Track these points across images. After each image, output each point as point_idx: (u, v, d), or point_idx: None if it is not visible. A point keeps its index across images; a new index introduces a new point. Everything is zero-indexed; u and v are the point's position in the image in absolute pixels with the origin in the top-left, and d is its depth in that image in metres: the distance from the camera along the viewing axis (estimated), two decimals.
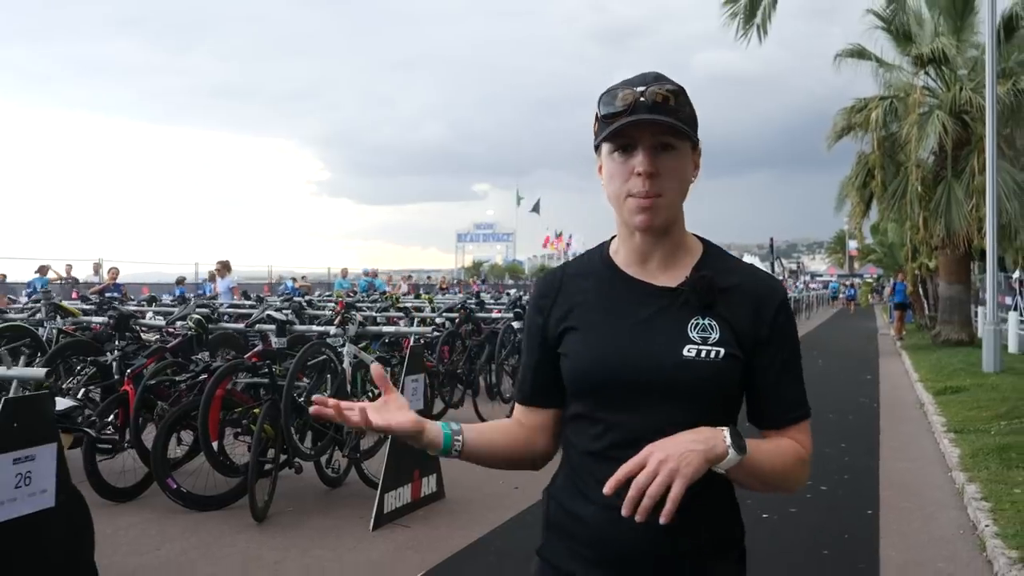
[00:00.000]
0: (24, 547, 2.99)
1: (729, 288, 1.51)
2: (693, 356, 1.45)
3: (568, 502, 1.55)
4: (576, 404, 1.56)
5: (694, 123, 1.51)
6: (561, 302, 1.58)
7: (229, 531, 5.09)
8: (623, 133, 1.45)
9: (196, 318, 5.82)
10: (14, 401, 2.92)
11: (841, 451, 7.75)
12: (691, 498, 1.40)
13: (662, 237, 1.53)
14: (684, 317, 1.49)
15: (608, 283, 1.56)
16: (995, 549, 4.71)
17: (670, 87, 1.46)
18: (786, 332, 1.55)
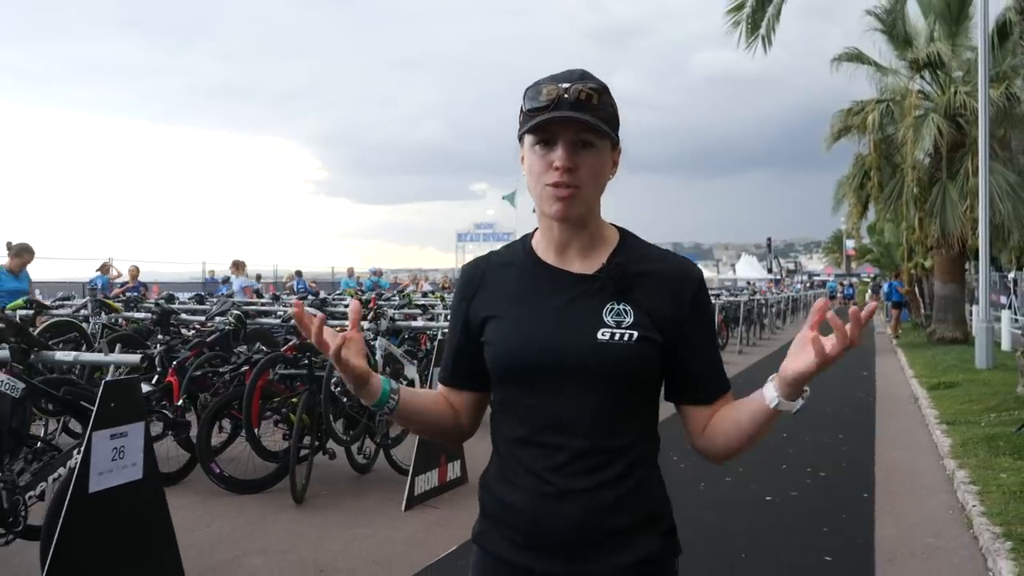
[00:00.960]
0: (118, 513, 3.38)
1: (645, 273, 1.56)
2: (607, 339, 1.50)
3: (499, 490, 1.60)
4: (499, 391, 1.62)
5: (615, 123, 1.55)
6: (483, 290, 1.64)
7: (271, 512, 5.48)
8: (545, 128, 1.50)
9: (236, 314, 6.22)
10: (111, 383, 3.31)
11: (839, 441, 8.15)
12: (617, 478, 1.52)
13: (579, 228, 1.58)
14: (600, 302, 1.54)
15: (528, 272, 1.61)
16: (981, 526, 5.11)
17: (593, 85, 1.50)
18: (706, 311, 1.61)
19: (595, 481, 1.51)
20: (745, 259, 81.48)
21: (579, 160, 1.50)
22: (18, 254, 7.92)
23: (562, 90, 1.47)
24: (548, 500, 1.51)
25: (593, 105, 1.48)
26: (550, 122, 1.48)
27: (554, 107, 1.47)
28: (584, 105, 1.47)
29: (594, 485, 1.51)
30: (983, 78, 13.31)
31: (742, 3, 10.92)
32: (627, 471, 1.53)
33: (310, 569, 4.47)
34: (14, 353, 3.40)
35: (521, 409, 1.56)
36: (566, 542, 1.52)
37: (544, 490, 1.51)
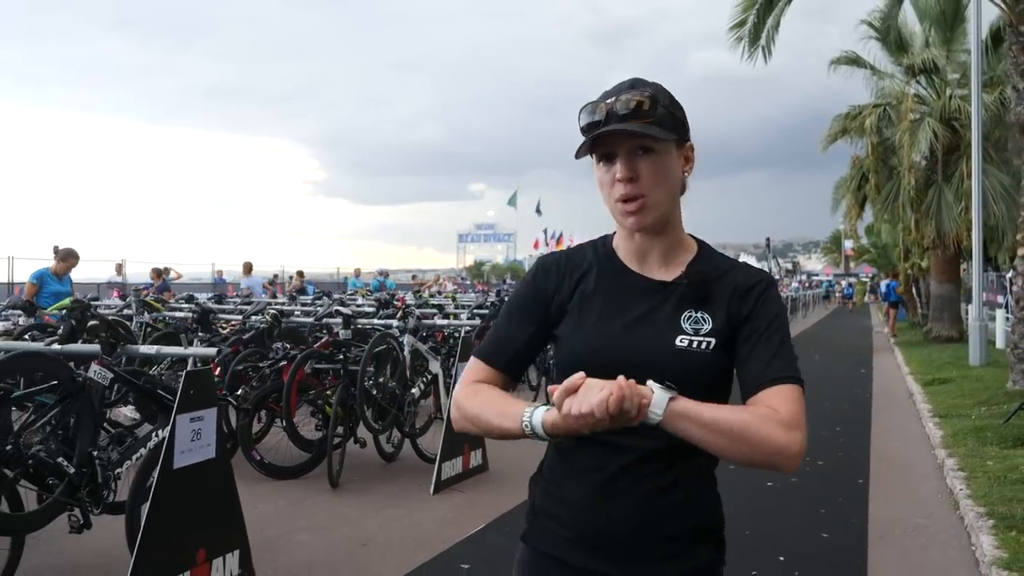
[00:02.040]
0: (196, 487, 3.82)
1: (723, 283, 1.56)
2: (685, 346, 1.50)
3: (555, 488, 1.60)
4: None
5: (673, 121, 1.53)
6: (566, 284, 1.63)
7: (309, 495, 5.91)
8: (602, 143, 1.51)
9: (273, 312, 6.66)
10: (191, 373, 3.74)
11: (836, 434, 8.59)
12: (676, 483, 1.51)
13: (658, 235, 1.58)
14: (678, 309, 1.54)
15: (609, 275, 1.61)
16: (966, 507, 5.55)
17: (642, 92, 1.50)
18: (767, 306, 1.56)
19: (659, 484, 1.51)
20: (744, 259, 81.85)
21: (640, 168, 1.50)
22: (64, 259, 8.34)
23: (610, 104, 1.49)
24: (610, 499, 1.51)
25: (644, 111, 1.48)
26: (605, 136, 1.49)
27: (605, 122, 1.48)
28: (635, 114, 1.47)
29: (658, 488, 1.51)
30: (976, 84, 13.76)
31: (743, 20, 11.36)
32: (690, 478, 1.53)
33: (354, 544, 4.90)
34: (104, 346, 3.82)
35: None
36: (624, 543, 1.51)
37: (607, 489, 1.51)
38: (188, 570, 3.79)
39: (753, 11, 11.09)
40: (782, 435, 1.40)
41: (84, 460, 3.77)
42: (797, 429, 1.42)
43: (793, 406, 1.45)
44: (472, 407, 1.56)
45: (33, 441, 3.66)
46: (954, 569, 4.62)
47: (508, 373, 1.64)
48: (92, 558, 4.49)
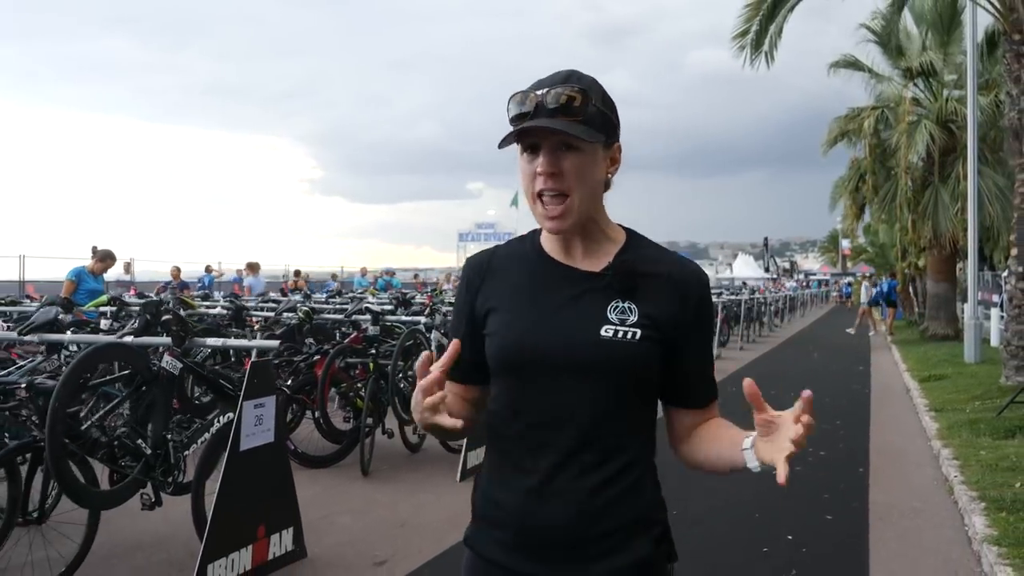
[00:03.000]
0: (258, 467, 4.19)
1: (651, 274, 1.54)
2: (610, 336, 1.48)
3: (491, 489, 1.57)
4: (497, 385, 1.59)
5: (604, 121, 1.50)
6: (489, 283, 1.61)
7: (343, 482, 6.28)
8: (528, 134, 1.47)
9: (305, 310, 7.03)
10: (256, 364, 4.11)
11: (836, 427, 8.96)
12: (610, 479, 1.48)
13: (581, 232, 1.56)
14: (605, 300, 1.51)
15: (535, 266, 1.59)
16: (960, 492, 5.93)
17: (574, 88, 1.46)
18: (708, 317, 1.60)
19: (588, 481, 1.48)
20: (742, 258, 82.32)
21: (564, 164, 1.47)
22: (102, 259, 8.71)
23: (540, 96, 1.46)
24: (539, 499, 1.49)
25: (574, 108, 1.45)
26: (531, 129, 1.46)
27: (533, 114, 1.45)
28: (564, 109, 1.45)
29: (587, 485, 1.48)
30: (972, 88, 14.15)
31: (747, 30, 11.74)
32: (622, 472, 1.50)
33: (390, 526, 5.27)
34: (175, 339, 4.19)
35: (516, 404, 1.53)
36: (555, 543, 1.49)
37: (535, 489, 1.49)
38: (250, 544, 4.17)
39: (756, 20, 11.47)
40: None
41: (158, 442, 4.15)
42: None
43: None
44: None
45: (117, 425, 4.03)
46: (948, 547, 4.99)
47: (458, 380, 1.62)
48: (151, 535, 4.86)
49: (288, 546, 4.46)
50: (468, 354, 1.57)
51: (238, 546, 4.07)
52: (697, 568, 4.47)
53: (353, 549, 4.81)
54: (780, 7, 11.37)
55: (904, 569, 4.60)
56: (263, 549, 4.26)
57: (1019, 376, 9.92)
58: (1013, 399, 8.56)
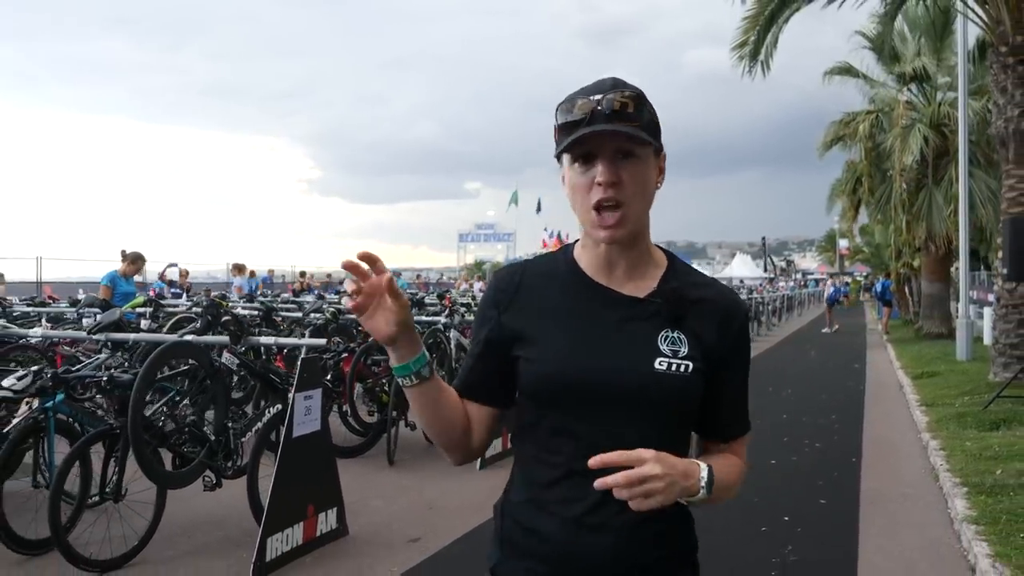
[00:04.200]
0: (307, 452, 4.65)
1: (697, 302, 1.49)
2: (664, 369, 1.42)
3: (526, 518, 1.49)
4: (533, 412, 1.50)
5: (655, 128, 1.46)
6: (520, 301, 1.52)
7: (371, 471, 6.74)
8: (583, 143, 1.40)
9: (332, 310, 7.49)
10: (306, 359, 4.58)
11: (832, 420, 9.44)
12: (655, 513, 1.39)
13: (628, 247, 1.49)
14: (654, 329, 1.45)
15: (573, 287, 1.51)
16: (945, 478, 6.40)
17: (628, 93, 1.41)
18: (745, 349, 1.56)
19: (633, 514, 1.39)
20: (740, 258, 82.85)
21: (622, 173, 1.41)
22: (133, 261, 9.14)
23: (595, 102, 1.39)
24: (585, 531, 1.43)
25: (630, 114, 1.40)
26: (588, 136, 1.39)
27: (588, 121, 1.39)
28: (621, 115, 1.39)
29: (632, 518, 1.41)
30: (962, 97, 14.62)
31: (745, 41, 12.22)
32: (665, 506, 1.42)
33: (420, 508, 5.74)
34: (232, 337, 4.65)
35: (561, 434, 1.45)
36: (594, 574, 1.44)
37: (582, 520, 1.43)
38: (301, 522, 4.64)
39: (754, 31, 11.96)
40: (740, 486, 1.57)
41: (220, 430, 4.61)
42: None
43: (745, 453, 1.60)
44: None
45: (187, 414, 4.50)
46: (932, 527, 5.46)
47: (472, 397, 1.56)
48: (204, 516, 5.32)
49: (332, 524, 4.93)
50: (486, 373, 1.55)
51: (291, 523, 4.54)
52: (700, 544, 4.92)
53: (388, 529, 5.27)
54: (776, 19, 11.85)
55: (891, 545, 5.07)
56: (312, 526, 4.73)
57: (1006, 372, 10.38)
58: (998, 394, 9.04)
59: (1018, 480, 5.99)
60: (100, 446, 4.55)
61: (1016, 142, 10.69)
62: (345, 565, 4.62)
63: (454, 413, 1.53)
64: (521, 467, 1.55)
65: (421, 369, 1.45)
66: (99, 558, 4.35)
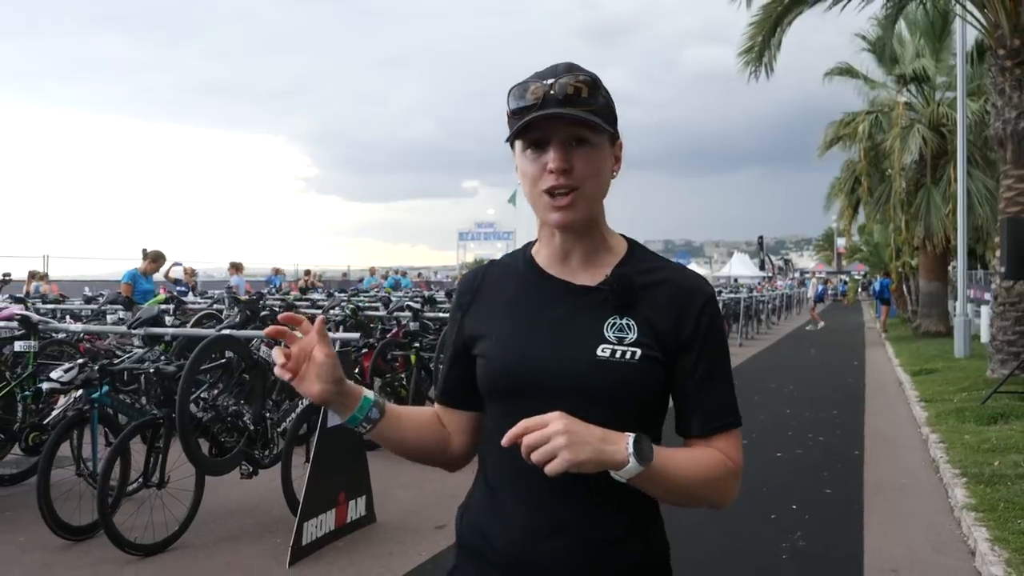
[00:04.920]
0: (340, 441, 4.88)
1: (651, 286, 1.43)
2: (607, 356, 1.37)
3: (481, 521, 1.46)
4: (489, 411, 1.48)
5: (611, 114, 1.41)
6: (480, 300, 1.52)
7: (392, 463, 6.85)
8: (534, 128, 1.36)
9: (351, 307, 7.73)
10: (340, 353, 4.80)
11: (834, 416, 9.68)
12: (612, 514, 1.36)
13: (582, 235, 1.44)
14: (601, 316, 1.40)
15: (527, 282, 1.49)
16: (945, 470, 6.64)
17: (582, 77, 1.37)
18: (711, 334, 1.44)
19: (590, 515, 1.37)
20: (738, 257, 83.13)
21: (575, 159, 1.36)
22: (153, 260, 9.38)
23: (548, 86, 1.35)
24: (536, 535, 1.38)
25: (584, 99, 1.35)
26: (539, 122, 1.35)
27: (540, 106, 1.34)
28: (574, 100, 1.34)
29: (589, 519, 1.37)
30: (961, 100, 14.87)
31: (751, 46, 12.49)
32: (626, 505, 1.38)
33: (443, 496, 5.96)
34: None
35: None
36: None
37: (532, 523, 1.38)
38: (333, 508, 4.87)
39: (760, 36, 12.22)
40: (734, 488, 1.42)
41: (258, 420, 4.85)
42: (740, 476, 1.43)
43: (740, 453, 1.43)
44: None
45: (228, 404, 4.73)
46: (933, 514, 5.70)
47: (450, 404, 1.55)
48: (235, 504, 5.55)
49: (362, 511, 5.16)
50: (459, 377, 1.53)
51: (325, 509, 4.77)
52: (713, 530, 5.16)
53: (414, 516, 5.50)
54: (780, 23, 12.11)
55: (894, 531, 5.31)
56: (343, 513, 4.96)
57: (1004, 369, 10.63)
58: (996, 389, 9.29)
59: (1015, 470, 6.23)
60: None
61: (1014, 143, 10.94)
62: (375, 550, 4.85)
63: (423, 434, 1.52)
64: (480, 467, 1.52)
65: (369, 413, 1.42)
66: (143, 542, 4.57)
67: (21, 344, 5.47)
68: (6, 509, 5.45)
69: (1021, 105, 10.78)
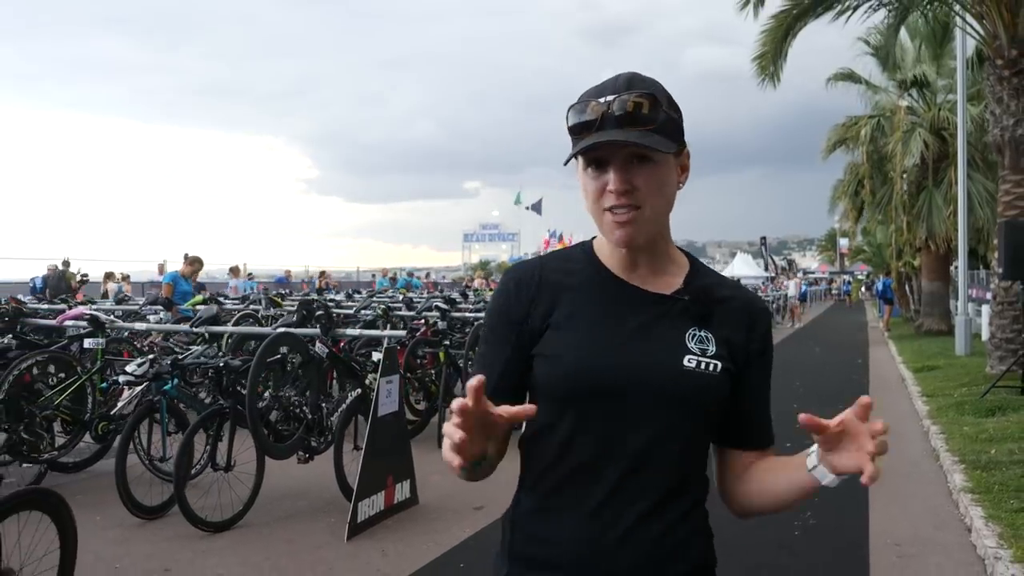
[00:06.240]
0: (388, 429, 5.34)
1: (724, 300, 1.44)
2: (692, 367, 1.36)
3: (539, 528, 1.41)
4: (550, 413, 1.38)
5: (674, 127, 1.36)
6: (543, 296, 1.42)
7: (425, 452, 7.34)
8: (593, 149, 1.32)
9: (383, 307, 8.18)
10: (388, 349, 5.26)
11: (839, 410, 9.86)
12: (679, 520, 1.38)
13: (647, 249, 1.42)
14: (681, 327, 1.39)
15: (596, 283, 1.43)
16: (945, 457, 7.09)
17: (643, 92, 1.32)
18: (770, 354, 1.50)
19: (660, 522, 1.36)
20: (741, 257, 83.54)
21: (636, 178, 1.32)
22: (192, 263, 9.84)
23: (606, 105, 1.31)
24: (606, 541, 1.35)
25: (644, 116, 1.31)
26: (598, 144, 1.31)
27: (599, 125, 1.31)
28: (633, 118, 1.30)
29: (659, 526, 1.36)
30: (961, 104, 15.30)
31: (764, 53, 13.00)
32: (690, 512, 1.40)
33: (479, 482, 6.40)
34: (323, 329, 5.33)
35: (577, 435, 1.36)
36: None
37: (602, 529, 1.35)
38: (382, 491, 5.32)
39: (772, 44, 12.74)
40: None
41: (314, 409, 5.30)
42: None
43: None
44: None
45: (290, 395, 5.19)
46: (933, 497, 6.15)
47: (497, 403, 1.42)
48: (286, 488, 6.00)
49: (406, 494, 5.61)
50: (507, 376, 1.43)
51: (375, 491, 5.22)
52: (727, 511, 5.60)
53: (453, 499, 5.95)
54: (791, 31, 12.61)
55: (897, 511, 5.75)
56: (391, 495, 5.41)
57: (1002, 365, 11.06)
58: (994, 384, 9.74)
59: (1010, 458, 6.67)
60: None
61: (1011, 149, 11.37)
62: (421, 527, 5.30)
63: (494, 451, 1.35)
64: (531, 474, 1.46)
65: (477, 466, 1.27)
66: (213, 520, 5.03)
67: (90, 341, 5.93)
68: (77, 493, 5.90)
69: (1018, 112, 11.21)
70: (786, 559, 4.82)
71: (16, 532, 3.14)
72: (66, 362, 5.81)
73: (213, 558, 4.70)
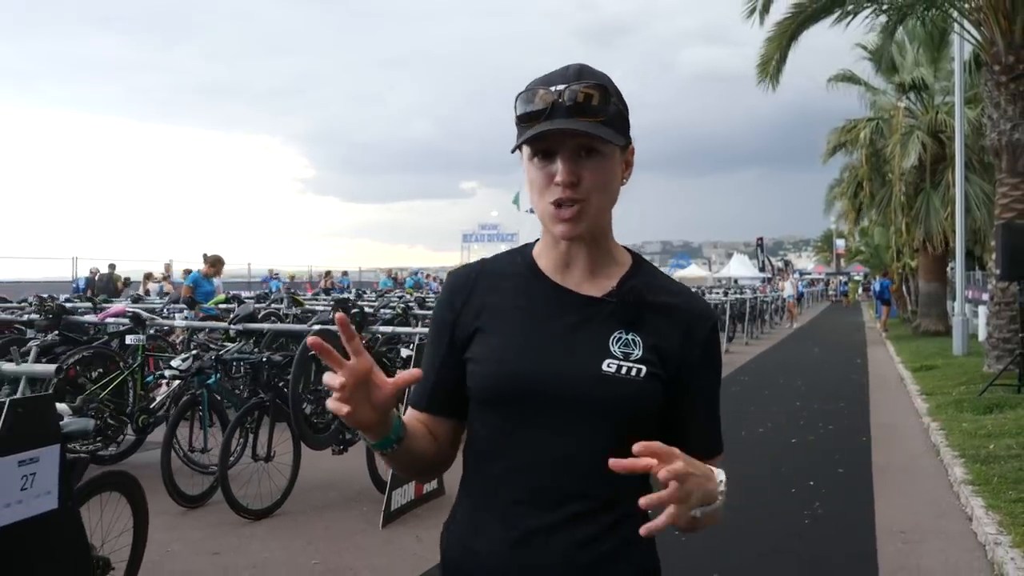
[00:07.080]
0: None
1: (658, 303, 1.39)
2: (612, 372, 1.32)
3: (466, 536, 1.39)
4: (477, 419, 1.40)
5: (622, 121, 1.36)
6: (475, 300, 1.42)
7: None
8: (542, 138, 1.30)
9: (403, 305, 8.45)
10: (420, 346, 5.52)
11: (841, 408, 10.41)
12: (604, 531, 1.32)
13: (589, 245, 1.39)
14: (607, 330, 1.36)
15: (528, 286, 1.41)
16: (945, 452, 7.38)
17: (592, 82, 1.31)
18: (715, 360, 1.45)
19: (582, 532, 1.32)
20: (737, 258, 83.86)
21: (583, 171, 1.31)
22: (212, 264, 10.08)
23: (556, 94, 1.29)
24: (522, 552, 1.33)
25: (594, 107, 1.30)
26: (546, 133, 1.29)
27: (548, 115, 1.29)
28: (583, 108, 1.29)
29: (578, 537, 1.32)
30: (959, 110, 15.61)
31: (769, 59, 13.31)
32: (619, 522, 1.34)
33: None
34: (357, 327, 5.59)
35: (500, 442, 1.35)
36: None
37: (521, 539, 1.32)
38: (412, 481, 5.58)
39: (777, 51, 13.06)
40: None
41: None
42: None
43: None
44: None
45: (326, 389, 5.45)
46: (935, 489, 6.43)
47: (432, 411, 1.44)
48: (317, 481, 6.27)
49: (434, 485, 5.88)
50: (446, 383, 1.42)
51: (406, 481, 5.48)
52: (741, 501, 5.88)
53: None
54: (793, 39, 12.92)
55: (901, 502, 6.04)
56: (420, 486, 5.68)
57: (999, 364, 11.35)
58: (992, 383, 10.04)
59: (1008, 452, 6.96)
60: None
61: (1008, 153, 11.68)
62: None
63: (425, 447, 1.40)
64: (464, 480, 1.44)
65: (400, 432, 1.29)
66: (254, 507, 5.30)
67: (132, 337, 6.19)
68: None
69: (1015, 117, 11.52)
70: (797, 545, 5.10)
71: (99, 511, 3.41)
72: (109, 357, 6.08)
73: (256, 543, 4.97)
